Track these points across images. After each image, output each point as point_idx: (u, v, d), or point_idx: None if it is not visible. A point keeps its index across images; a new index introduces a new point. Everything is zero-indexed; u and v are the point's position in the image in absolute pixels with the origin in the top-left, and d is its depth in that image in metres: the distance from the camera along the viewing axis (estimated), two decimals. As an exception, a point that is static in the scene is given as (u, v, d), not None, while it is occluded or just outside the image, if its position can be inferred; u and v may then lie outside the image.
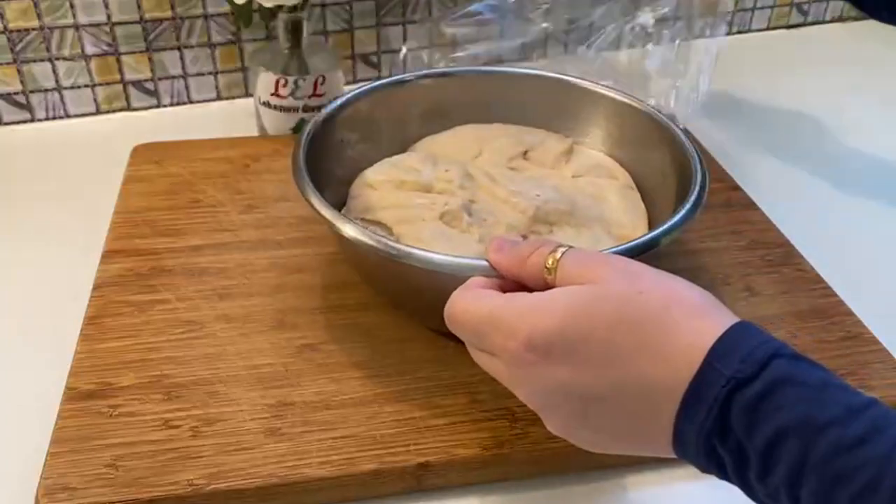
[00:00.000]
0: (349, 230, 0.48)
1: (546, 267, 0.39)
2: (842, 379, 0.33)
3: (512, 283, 0.42)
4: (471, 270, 0.46)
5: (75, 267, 0.61)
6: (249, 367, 0.52)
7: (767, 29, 1.06)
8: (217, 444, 0.47)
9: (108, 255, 0.61)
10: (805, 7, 1.06)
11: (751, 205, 0.69)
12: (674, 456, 0.36)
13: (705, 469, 0.35)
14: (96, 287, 0.58)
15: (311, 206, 0.51)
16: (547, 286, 0.39)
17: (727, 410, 0.33)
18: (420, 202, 0.56)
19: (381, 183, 0.59)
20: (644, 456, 0.37)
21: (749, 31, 1.05)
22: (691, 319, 0.35)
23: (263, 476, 0.46)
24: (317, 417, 0.49)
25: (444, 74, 0.68)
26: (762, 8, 1.04)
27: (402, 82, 0.66)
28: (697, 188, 0.52)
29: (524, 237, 0.55)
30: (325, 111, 0.60)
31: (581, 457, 0.48)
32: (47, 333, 0.57)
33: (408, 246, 0.47)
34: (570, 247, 0.40)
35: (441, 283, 0.48)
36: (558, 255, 0.39)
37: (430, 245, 0.51)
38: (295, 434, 0.48)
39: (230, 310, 0.57)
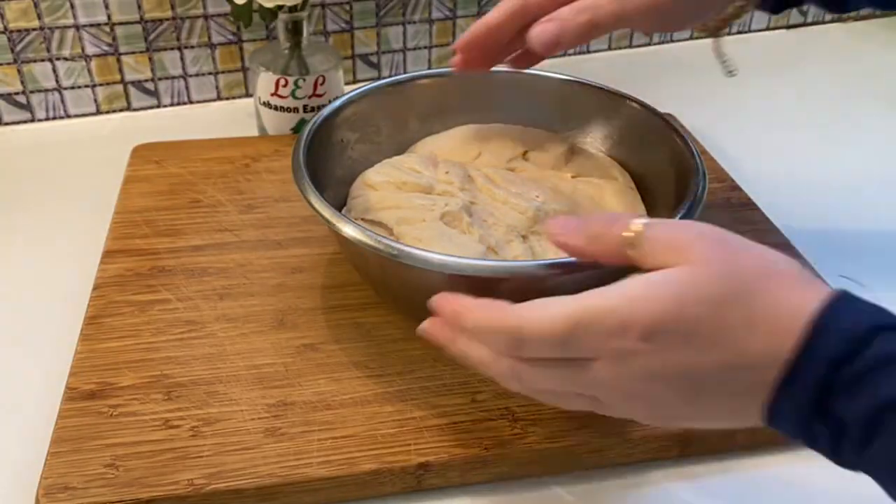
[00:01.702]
0: (349, 230, 0.48)
1: (628, 239, 0.38)
2: None
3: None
4: (471, 270, 0.46)
5: (75, 267, 0.61)
6: (249, 367, 0.52)
7: (767, 29, 1.06)
8: (217, 444, 0.47)
9: (108, 255, 0.61)
10: (805, 7, 1.06)
11: (751, 205, 0.69)
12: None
13: (794, 438, 0.36)
14: (96, 287, 0.58)
15: (311, 205, 0.51)
16: (626, 261, 0.38)
17: (828, 389, 0.33)
18: (420, 203, 0.56)
19: (381, 184, 0.58)
20: (645, 457, 0.37)
21: (749, 31, 1.06)
22: (792, 291, 0.35)
23: (263, 476, 0.46)
24: (317, 417, 0.49)
25: (443, 74, 0.68)
26: (762, 8, 1.04)
27: (401, 82, 0.66)
28: (697, 188, 0.52)
29: (523, 237, 0.55)
30: (324, 111, 0.60)
31: (581, 457, 0.49)
32: (47, 333, 0.57)
33: (408, 246, 0.47)
34: (643, 217, 0.39)
35: (441, 283, 0.48)
36: (639, 227, 0.38)
37: (431, 245, 0.51)
38: (295, 434, 0.48)
39: (230, 310, 0.57)
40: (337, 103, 0.61)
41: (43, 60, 0.80)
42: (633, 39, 1.01)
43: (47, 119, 0.83)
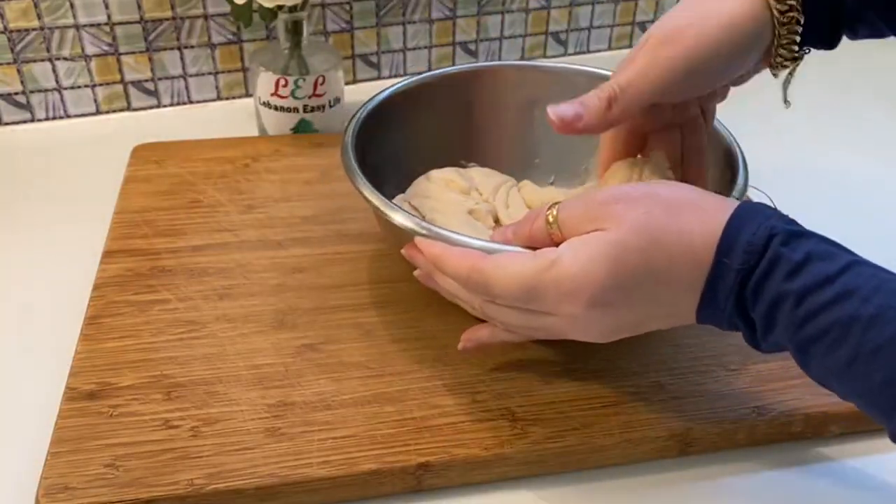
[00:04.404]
0: (396, 216, 0.50)
1: (548, 223, 0.44)
2: (832, 246, 0.39)
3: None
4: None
5: (75, 267, 0.61)
6: (249, 367, 0.52)
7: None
8: (217, 444, 0.47)
9: (108, 255, 0.61)
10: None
11: (751, 205, 0.70)
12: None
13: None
14: (96, 287, 0.58)
15: (362, 195, 0.52)
16: (555, 242, 0.43)
17: (741, 294, 0.39)
18: (455, 198, 0.59)
19: (436, 178, 0.61)
20: (645, 457, 0.38)
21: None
22: (698, 221, 0.40)
23: (263, 476, 0.46)
24: (317, 417, 0.49)
25: (496, 67, 0.69)
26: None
27: (448, 75, 0.67)
28: (741, 179, 0.54)
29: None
30: (380, 95, 0.62)
31: (581, 457, 0.49)
32: (47, 333, 0.57)
33: (439, 227, 0.48)
34: (558, 203, 0.45)
35: None
36: (555, 211, 0.44)
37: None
38: (295, 434, 0.48)
39: (230, 310, 0.57)
40: (387, 92, 0.63)
41: (43, 60, 0.80)
42: (633, 39, 1.01)
43: (47, 119, 0.83)
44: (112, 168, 0.72)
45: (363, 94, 0.65)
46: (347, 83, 0.87)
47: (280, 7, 0.72)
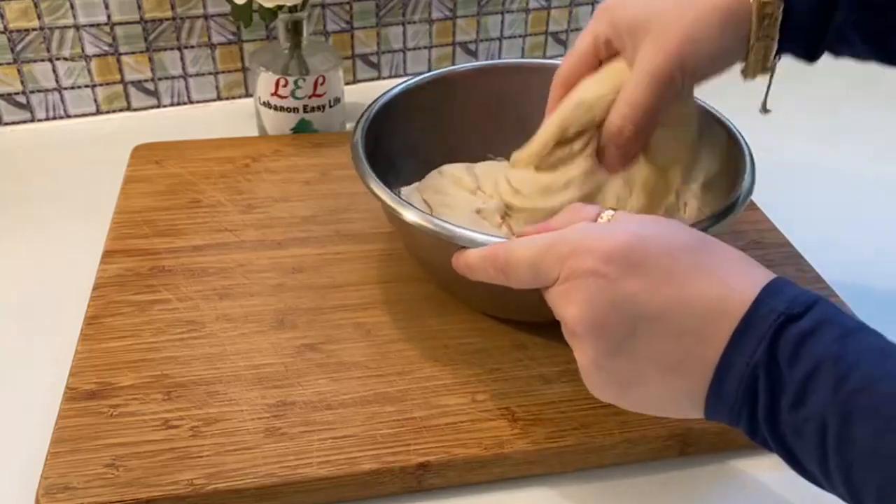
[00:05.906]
0: (409, 214, 0.50)
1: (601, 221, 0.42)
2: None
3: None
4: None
5: (75, 267, 0.61)
6: (249, 367, 0.52)
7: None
8: (217, 444, 0.47)
9: (108, 255, 0.61)
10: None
11: (751, 205, 0.69)
12: (698, 414, 0.39)
13: (731, 416, 0.37)
14: (96, 287, 0.58)
15: (371, 191, 0.53)
16: None
17: (776, 343, 0.34)
18: (463, 196, 0.59)
19: (448, 174, 0.62)
20: (645, 457, 0.37)
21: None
22: (744, 265, 0.38)
23: (263, 476, 0.46)
24: (317, 417, 0.49)
25: (498, 66, 0.70)
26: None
27: (456, 73, 0.67)
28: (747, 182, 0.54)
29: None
30: (388, 93, 0.63)
31: (581, 457, 0.49)
32: (47, 333, 0.57)
33: (453, 224, 0.49)
34: (614, 210, 0.43)
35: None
36: (612, 213, 0.42)
37: None
38: (295, 434, 0.48)
39: (230, 310, 0.57)
40: (396, 90, 0.64)
41: (43, 60, 0.80)
42: (633, 39, 1.01)
43: (47, 119, 0.83)
44: (112, 168, 0.72)
45: (363, 94, 0.65)
46: (347, 83, 0.87)
47: (280, 7, 0.72)
